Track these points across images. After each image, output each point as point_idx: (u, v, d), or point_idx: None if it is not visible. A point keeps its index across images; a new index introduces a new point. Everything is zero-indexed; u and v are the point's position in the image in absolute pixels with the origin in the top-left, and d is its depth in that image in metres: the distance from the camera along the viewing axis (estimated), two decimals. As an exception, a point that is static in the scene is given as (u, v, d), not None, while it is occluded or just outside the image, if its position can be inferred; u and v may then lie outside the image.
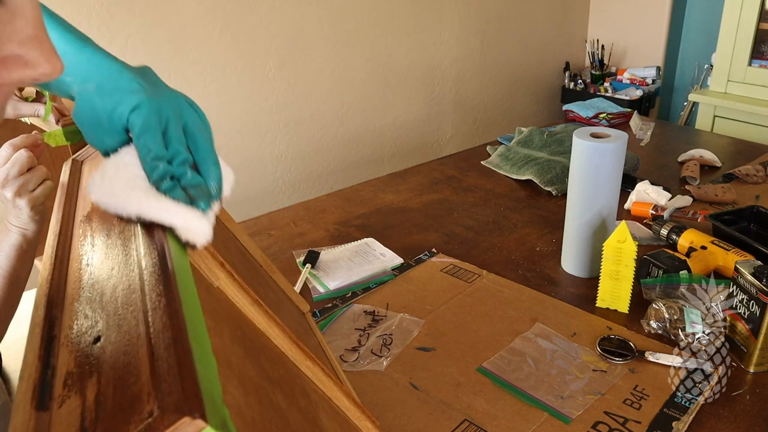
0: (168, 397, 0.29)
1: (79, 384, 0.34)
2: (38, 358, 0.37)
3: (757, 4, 2.20)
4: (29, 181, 0.74)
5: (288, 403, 0.43)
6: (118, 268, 0.43)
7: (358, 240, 1.20)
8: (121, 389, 0.32)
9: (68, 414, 0.32)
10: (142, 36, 1.75)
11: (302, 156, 2.24)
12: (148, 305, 0.36)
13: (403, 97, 2.48)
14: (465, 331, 0.92)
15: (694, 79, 2.78)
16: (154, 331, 0.34)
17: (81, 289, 0.43)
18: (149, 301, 0.36)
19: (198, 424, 0.27)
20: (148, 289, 0.38)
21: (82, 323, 0.39)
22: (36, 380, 0.36)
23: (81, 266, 0.45)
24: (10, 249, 0.76)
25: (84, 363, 0.36)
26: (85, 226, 0.50)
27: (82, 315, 0.40)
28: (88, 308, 0.40)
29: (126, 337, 0.36)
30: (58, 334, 0.39)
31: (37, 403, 0.34)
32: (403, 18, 2.37)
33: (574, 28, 3.08)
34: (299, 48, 2.11)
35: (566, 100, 2.90)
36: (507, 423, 0.74)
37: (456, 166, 1.61)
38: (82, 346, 0.37)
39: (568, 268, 1.08)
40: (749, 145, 1.73)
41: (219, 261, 0.46)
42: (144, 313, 0.36)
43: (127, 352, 0.34)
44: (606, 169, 0.98)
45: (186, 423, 0.27)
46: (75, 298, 0.42)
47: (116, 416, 0.30)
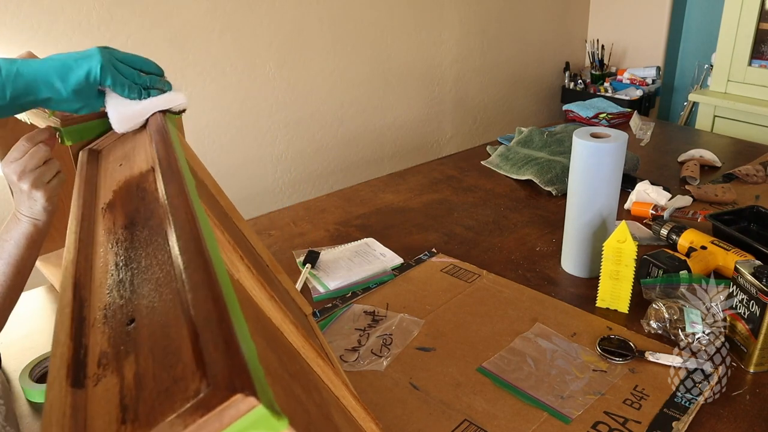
0: (218, 375, 0.29)
1: (114, 363, 0.35)
2: (70, 338, 0.38)
3: (757, 4, 2.20)
4: (44, 173, 0.77)
5: (306, 397, 0.44)
6: (149, 252, 0.44)
7: (358, 240, 1.20)
8: (161, 369, 0.33)
9: (105, 392, 0.33)
10: (142, 36, 1.75)
11: (302, 156, 2.24)
12: (187, 287, 0.37)
13: (403, 97, 2.48)
14: (465, 331, 0.92)
15: (694, 79, 2.78)
16: (195, 313, 0.34)
17: (108, 273, 0.44)
18: (186, 283, 0.37)
19: (250, 401, 0.28)
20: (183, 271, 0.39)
21: (113, 305, 0.40)
22: (69, 359, 0.36)
23: (107, 251, 0.47)
24: (21, 238, 0.78)
25: (119, 343, 0.36)
26: (108, 213, 0.53)
27: (113, 298, 0.41)
28: (119, 291, 0.42)
29: (162, 318, 0.36)
30: (88, 315, 0.40)
31: (72, 381, 0.34)
32: (403, 18, 2.37)
33: (574, 28, 3.08)
34: (299, 48, 2.11)
35: (566, 100, 2.90)
36: (507, 423, 0.74)
37: (456, 166, 1.61)
38: (115, 327, 0.38)
39: (568, 268, 1.08)
40: (749, 145, 1.73)
41: (239, 254, 0.48)
42: (180, 294, 0.37)
43: (165, 334, 0.35)
44: (606, 169, 0.98)
45: (239, 400, 0.28)
46: (103, 282, 0.43)
47: (159, 395, 0.31)
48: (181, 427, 0.28)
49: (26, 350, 0.93)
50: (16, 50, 1.55)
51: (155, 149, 0.59)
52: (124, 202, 0.54)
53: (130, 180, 0.59)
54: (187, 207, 0.45)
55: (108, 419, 0.31)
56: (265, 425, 0.28)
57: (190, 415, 0.28)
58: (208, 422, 0.27)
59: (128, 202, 0.53)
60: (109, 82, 0.68)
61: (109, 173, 0.64)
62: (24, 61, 0.65)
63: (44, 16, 1.58)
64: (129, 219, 0.50)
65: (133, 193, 0.56)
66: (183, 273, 0.38)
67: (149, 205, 0.51)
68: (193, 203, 0.45)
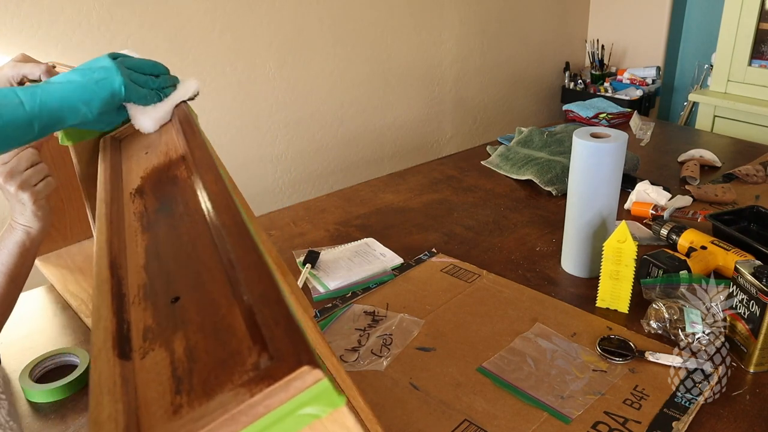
0: (282, 348, 0.30)
1: (161, 338, 0.36)
2: (112, 313, 0.39)
3: (757, 4, 2.20)
4: (32, 176, 0.77)
5: None
6: (187, 235, 0.46)
7: (358, 240, 1.20)
8: (214, 344, 0.34)
9: (155, 364, 0.34)
10: (142, 36, 1.75)
11: (302, 156, 2.24)
12: (237, 267, 0.38)
13: (403, 97, 2.48)
14: (465, 331, 0.92)
15: (694, 79, 2.78)
16: (250, 292, 0.35)
17: (145, 254, 0.45)
18: (237, 263, 0.38)
19: (317, 374, 0.29)
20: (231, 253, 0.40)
21: (152, 284, 0.41)
22: (114, 332, 0.37)
23: (139, 233, 0.49)
24: (13, 246, 0.78)
25: (164, 320, 0.37)
26: (137, 198, 0.55)
27: (151, 277, 0.42)
28: (158, 271, 0.43)
29: (209, 296, 0.38)
30: (127, 292, 0.41)
31: (119, 353, 0.35)
32: (403, 18, 2.37)
33: (574, 28, 3.08)
34: (299, 48, 2.11)
35: (566, 100, 2.90)
36: (507, 423, 0.74)
37: (456, 166, 1.61)
38: (158, 304, 0.39)
39: (568, 268, 1.08)
40: (749, 145, 1.73)
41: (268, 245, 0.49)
42: (229, 275, 0.39)
43: (214, 311, 0.36)
44: (606, 169, 0.98)
45: (305, 372, 0.28)
46: (139, 261, 0.44)
47: (214, 368, 0.32)
48: (247, 396, 0.28)
49: (26, 350, 0.93)
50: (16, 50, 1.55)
51: (185, 139, 0.61)
52: (153, 188, 0.56)
53: (158, 167, 0.61)
54: (227, 194, 0.47)
55: (160, 390, 0.32)
56: (326, 400, 0.29)
57: (256, 384, 0.29)
58: (274, 392, 0.28)
59: (159, 188, 0.55)
60: (133, 99, 0.69)
61: (134, 160, 0.66)
62: (43, 90, 0.63)
63: (44, 16, 1.58)
64: (161, 204, 0.52)
65: (164, 179, 0.58)
66: (232, 254, 0.39)
67: (183, 191, 0.53)
68: (230, 190, 0.47)
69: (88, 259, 1.16)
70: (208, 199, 0.48)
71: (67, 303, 1.04)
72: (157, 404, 0.31)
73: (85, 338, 0.95)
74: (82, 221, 1.22)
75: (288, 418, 0.29)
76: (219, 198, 0.47)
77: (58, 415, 0.80)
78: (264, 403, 0.28)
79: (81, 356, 0.88)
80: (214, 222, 0.45)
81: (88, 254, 1.17)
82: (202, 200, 0.49)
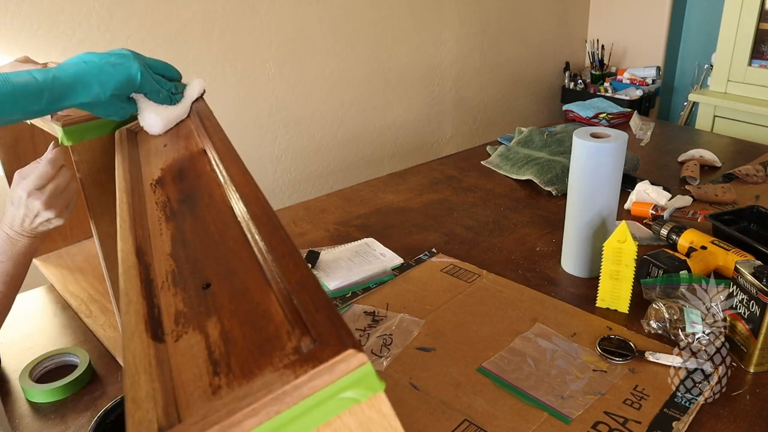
0: (326, 333, 0.31)
1: (194, 323, 0.37)
2: (142, 297, 0.40)
3: (757, 4, 2.20)
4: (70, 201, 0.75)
5: None
6: (214, 224, 0.47)
7: (358, 240, 1.20)
8: (251, 328, 0.34)
9: (189, 347, 0.35)
10: (142, 36, 1.75)
11: (302, 156, 2.24)
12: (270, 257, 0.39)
13: (403, 97, 2.48)
14: (465, 331, 0.92)
15: (694, 79, 2.78)
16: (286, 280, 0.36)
17: (171, 241, 0.46)
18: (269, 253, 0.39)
19: (361, 357, 0.29)
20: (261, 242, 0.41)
21: (181, 271, 0.42)
22: (145, 315, 0.38)
23: (163, 222, 0.50)
24: (19, 255, 0.74)
25: (196, 305, 0.38)
26: (158, 188, 0.56)
27: (179, 263, 0.43)
28: (186, 258, 0.44)
29: (242, 284, 0.39)
30: (155, 278, 0.42)
31: (152, 335, 0.36)
32: (403, 18, 2.37)
33: (574, 28, 3.08)
34: (299, 48, 2.11)
35: (566, 100, 2.90)
36: (507, 423, 0.74)
37: (456, 166, 1.61)
38: (188, 290, 0.40)
39: (568, 268, 1.08)
40: (749, 145, 1.73)
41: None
42: (262, 264, 0.40)
43: (248, 298, 0.37)
44: (606, 169, 0.98)
45: (350, 355, 0.29)
46: (166, 250, 0.46)
47: (252, 351, 0.32)
48: (292, 377, 0.29)
49: (26, 350, 0.93)
50: (16, 50, 1.56)
51: (207, 133, 0.64)
52: (175, 179, 0.58)
53: (179, 160, 0.62)
54: (254, 186, 0.49)
55: (197, 371, 0.33)
56: (367, 384, 0.30)
57: (301, 366, 0.29)
58: (319, 374, 0.29)
59: (180, 180, 0.57)
60: (147, 89, 0.70)
61: (152, 153, 0.67)
62: (59, 67, 0.64)
63: (44, 16, 1.58)
64: (185, 194, 0.54)
65: (186, 171, 0.59)
66: (263, 244, 0.40)
67: (206, 183, 0.55)
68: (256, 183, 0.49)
69: (88, 259, 1.16)
70: (235, 191, 0.49)
71: (67, 303, 1.04)
72: (194, 385, 0.32)
73: (86, 338, 0.95)
74: (81, 222, 1.22)
75: (330, 401, 0.29)
76: (247, 190, 0.48)
77: (58, 415, 0.80)
78: (309, 385, 0.29)
79: (81, 356, 0.88)
80: (243, 213, 0.46)
81: (87, 254, 1.18)
82: (229, 192, 0.50)
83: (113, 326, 0.95)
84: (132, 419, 0.30)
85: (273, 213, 0.44)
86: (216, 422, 0.28)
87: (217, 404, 0.29)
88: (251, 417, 0.28)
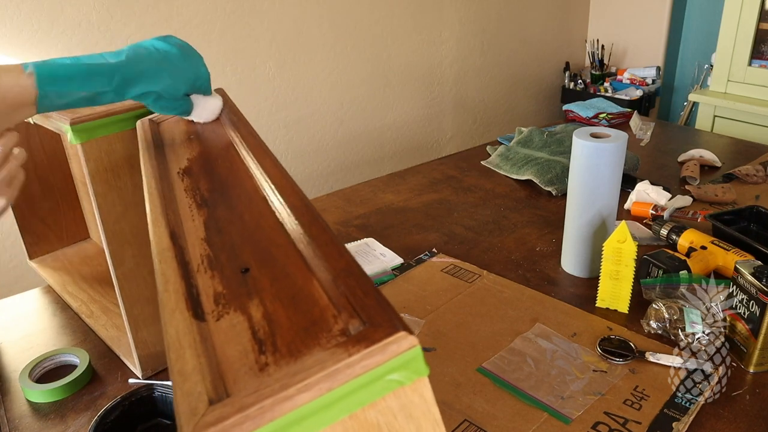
0: (376, 315, 0.32)
1: (235, 304, 0.37)
2: (180, 277, 0.40)
3: (757, 4, 2.20)
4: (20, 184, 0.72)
5: None
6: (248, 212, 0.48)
7: (358, 240, 1.20)
8: (293, 311, 0.35)
9: (232, 326, 0.35)
10: (142, 36, 1.75)
11: (302, 156, 2.24)
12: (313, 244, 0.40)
13: (403, 97, 2.48)
14: (465, 331, 0.92)
15: (694, 79, 2.78)
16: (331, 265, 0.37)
17: (205, 227, 0.47)
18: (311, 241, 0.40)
19: (412, 339, 0.30)
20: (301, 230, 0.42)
21: (218, 256, 0.43)
22: (185, 294, 0.39)
23: (194, 209, 0.51)
24: None
25: (236, 288, 0.39)
26: (186, 177, 0.57)
27: (216, 249, 0.44)
28: (222, 244, 0.45)
29: (282, 269, 0.40)
30: (191, 261, 0.43)
31: (193, 314, 0.36)
32: (403, 18, 2.37)
33: (574, 28, 3.08)
34: (299, 48, 2.11)
35: (566, 100, 2.90)
36: (507, 423, 0.74)
37: (456, 166, 1.61)
38: (227, 274, 0.41)
39: (568, 268, 1.08)
40: (749, 145, 1.73)
41: None
42: (297, 249, 0.41)
43: (290, 282, 0.38)
44: (606, 169, 0.98)
45: (402, 337, 0.30)
46: (199, 235, 0.46)
47: (298, 332, 0.33)
48: (345, 355, 0.29)
49: (26, 350, 0.93)
50: (16, 50, 1.55)
51: (234, 126, 0.65)
52: (203, 169, 0.59)
53: (207, 151, 0.64)
54: (288, 177, 0.50)
55: (241, 349, 0.33)
56: (415, 367, 0.31)
57: (353, 345, 0.30)
58: (371, 353, 0.30)
59: (209, 170, 0.58)
60: (203, 90, 0.70)
61: (177, 144, 0.68)
62: (131, 47, 0.63)
63: (44, 16, 1.58)
64: (215, 184, 0.55)
65: (214, 162, 0.61)
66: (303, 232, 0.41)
67: (236, 173, 0.56)
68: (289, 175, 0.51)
69: (85, 260, 1.16)
70: (271, 183, 0.50)
71: (66, 303, 1.04)
72: (239, 362, 0.32)
73: (85, 338, 0.95)
74: (77, 223, 1.21)
75: (377, 382, 0.30)
76: (282, 181, 0.50)
77: (58, 415, 0.80)
78: (361, 363, 0.29)
79: (81, 356, 0.88)
80: (280, 203, 0.47)
81: (84, 256, 1.17)
82: (262, 183, 0.52)
83: (115, 326, 0.95)
84: (181, 391, 0.30)
85: (311, 204, 0.45)
86: (269, 395, 0.28)
87: (268, 380, 0.30)
88: (304, 392, 0.28)
